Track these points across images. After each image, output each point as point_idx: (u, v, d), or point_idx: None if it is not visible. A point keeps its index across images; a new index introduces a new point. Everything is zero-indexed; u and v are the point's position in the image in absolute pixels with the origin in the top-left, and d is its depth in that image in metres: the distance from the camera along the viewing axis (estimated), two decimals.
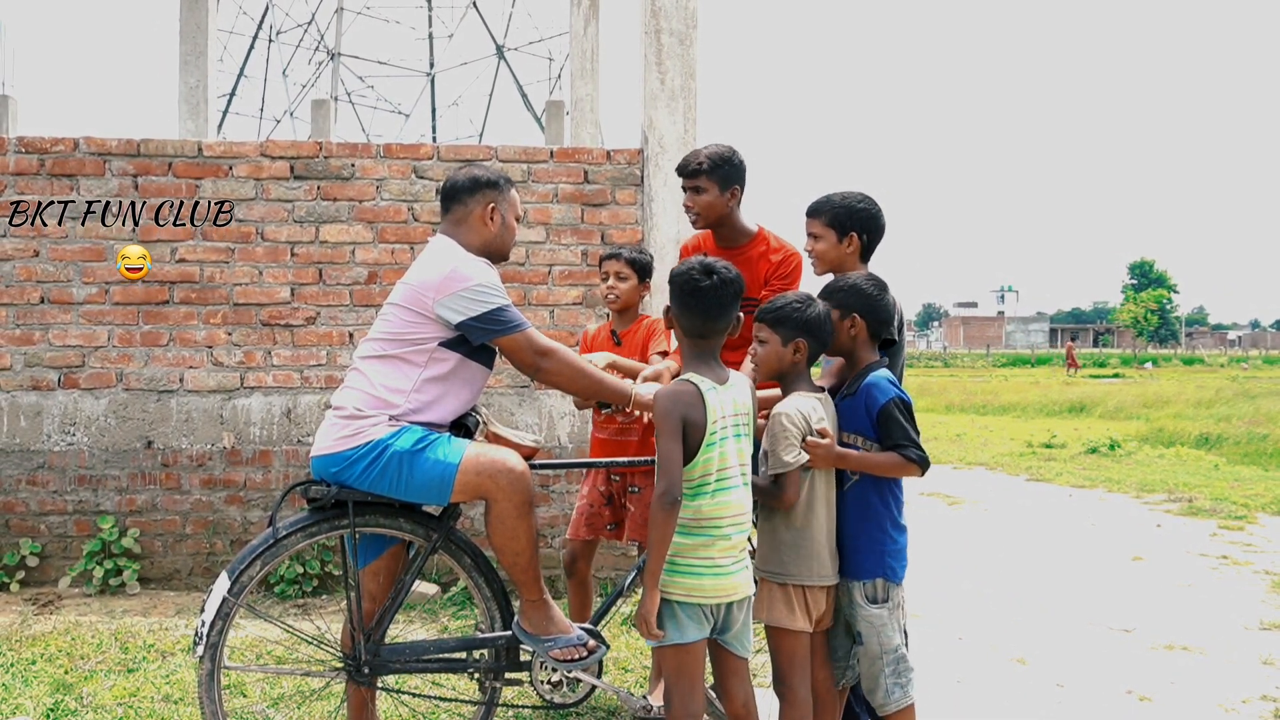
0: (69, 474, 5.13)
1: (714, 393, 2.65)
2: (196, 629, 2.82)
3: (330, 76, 16.97)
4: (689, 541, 2.63)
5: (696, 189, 3.51)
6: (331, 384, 5.20)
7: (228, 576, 2.83)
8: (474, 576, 3.07)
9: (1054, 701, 3.87)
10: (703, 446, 2.61)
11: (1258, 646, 4.55)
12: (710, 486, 2.62)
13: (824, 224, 3.14)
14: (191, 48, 8.46)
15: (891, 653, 2.79)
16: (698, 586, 2.63)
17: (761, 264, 3.55)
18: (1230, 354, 67.52)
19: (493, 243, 3.12)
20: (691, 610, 2.64)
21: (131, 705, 3.61)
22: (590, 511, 3.80)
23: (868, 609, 2.79)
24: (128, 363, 5.17)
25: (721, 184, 3.49)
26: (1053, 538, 7.13)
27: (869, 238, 3.15)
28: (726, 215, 3.55)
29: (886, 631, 2.79)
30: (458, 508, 3.04)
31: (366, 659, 2.93)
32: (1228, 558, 6.42)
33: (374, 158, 5.28)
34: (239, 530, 5.18)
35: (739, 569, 2.66)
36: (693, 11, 5.28)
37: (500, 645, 3.04)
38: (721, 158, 3.50)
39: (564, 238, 5.31)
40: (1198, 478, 10.04)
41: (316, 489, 2.87)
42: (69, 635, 4.40)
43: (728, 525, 2.64)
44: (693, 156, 3.54)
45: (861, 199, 3.15)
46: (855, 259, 3.14)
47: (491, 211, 3.09)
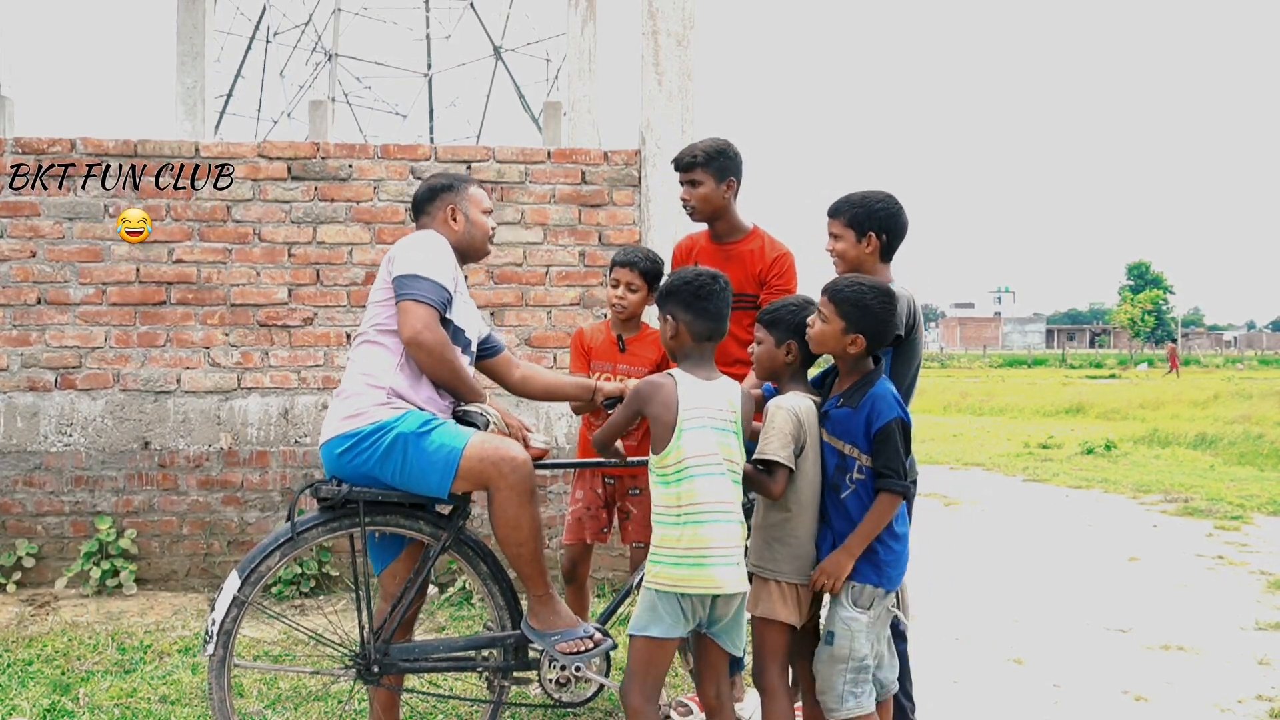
0: (66, 475, 5.12)
1: (692, 385, 2.75)
2: (206, 627, 2.83)
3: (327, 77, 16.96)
4: (671, 531, 2.68)
5: (693, 182, 3.53)
6: (329, 385, 5.20)
7: (238, 575, 2.85)
8: (483, 576, 3.09)
9: (1051, 701, 3.88)
10: (675, 433, 2.68)
11: (1253, 646, 4.56)
12: (688, 472, 2.67)
13: (844, 224, 3.12)
14: (188, 48, 8.45)
15: (857, 661, 2.74)
16: (678, 576, 2.65)
17: (754, 260, 3.55)
18: (1226, 355, 67.60)
19: (462, 240, 3.18)
20: (670, 603, 2.67)
21: (129, 706, 3.61)
22: (588, 515, 3.78)
23: (849, 610, 2.75)
24: (125, 363, 5.16)
25: (718, 176, 3.50)
26: (1049, 538, 7.14)
27: (889, 238, 3.11)
28: (723, 208, 3.56)
29: (860, 639, 2.74)
30: (467, 506, 3.06)
31: (376, 658, 2.93)
32: (1224, 558, 6.43)
33: (371, 158, 5.28)
34: (236, 531, 5.18)
35: (724, 563, 2.65)
36: (690, 13, 5.29)
37: (509, 644, 3.05)
38: (717, 150, 3.51)
39: (561, 238, 5.32)
40: (1194, 478, 10.06)
41: (327, 489, 2.87)
42: (66, 636, 4.40)
43: (708, 513, 2.65)
44: (689, 149, 3.55)
45: (881, 199, 3.12)
46: (875, 259, 3.11)
47: (452, 212, 3.18)
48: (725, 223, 3.61)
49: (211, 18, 8.60)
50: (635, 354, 3.76)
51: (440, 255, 3.01)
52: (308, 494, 2.93)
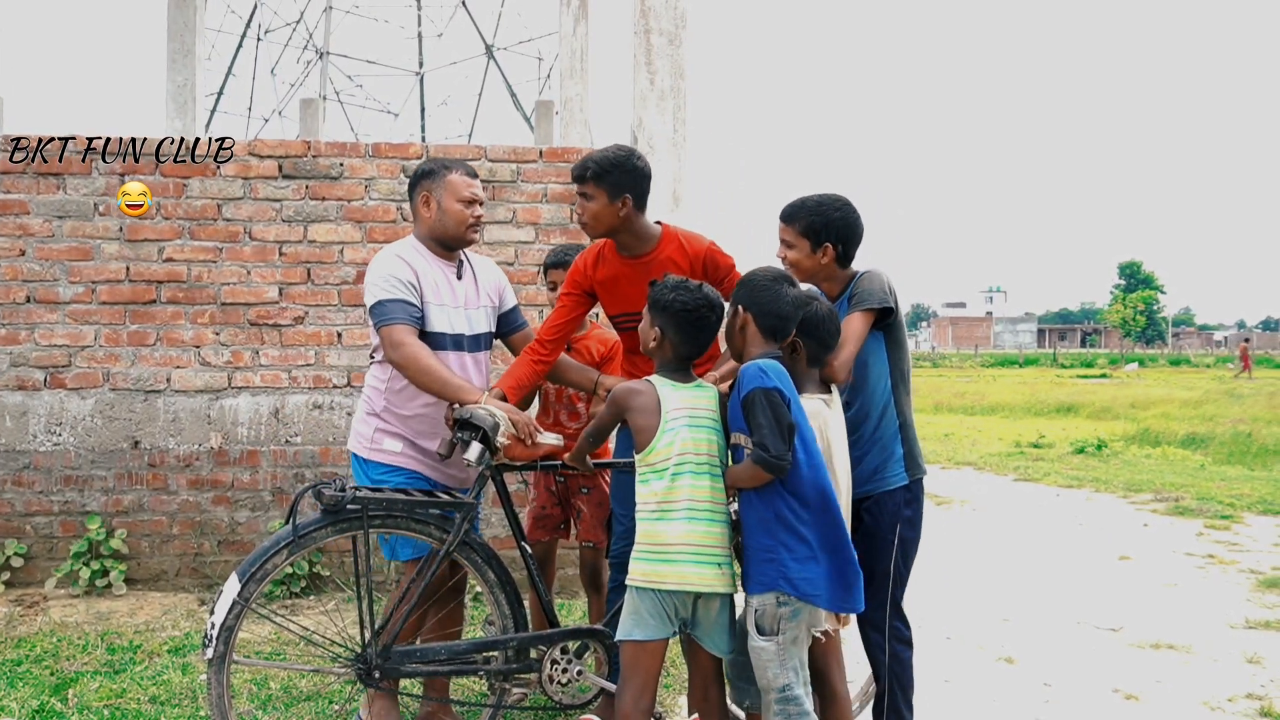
0: (55, 474, 5.10)
1: (671, 388, 2.78)
2: (206, 628, 2.83)
3: (319, 75, 16.88)
4: (648, 527, 2.70)
5: (585, 195, 3.22)
6: (319, 384, 5.19)
7: (239, 577, 2.84)
8: (489, 579, 3.10)
9: (1041, 700, 3.88)
10: (660, 431, 2.71)
11: (1243, 645, 4.58)
12: (670, 470, 2.69)
13: (798, 232, 2.99)
14: (179, 46, 8.42)
15: (777, 691, 2.57)
16: (655, 573, 2.66)
17: (671, 266, 3.24)
18: (1216, 354, 67.86)
19: (435, 227, 3.28)
20: (650, 601, 2.67)
21: (118, 707, 3.60)
22: (542, 514, 3.86)
23: (755, 640, 2.60)
24: (114, 362, 5.14)
25: (611, 192, 3.18)
26: (1040, 537, 7.16)
27: (844, 247, 2.99)
28: (618, 225, 3.24)
29: (772, 668, 2.58)
30: (475, 508, 3.08)
31: (377, 662, 2.93)
32: (1214, 557, 6.45)
33: (363, 157, 5.26)
34: (226, 531, 5.16)
35: (699, 561, 2.64)
36: (682, 12, 5.29)
37: (510, 647, 3.07)
38: (612, 163, 3.18)
39: (553, 238, 5.31)
40: (1184, 477, 10.10)
41: (331, 493, 2.87)
42: (55, 636, 4.38)
43: (686, 511, 2.66)
44: (582, 159, 3.25)
45: (838, 206, 2.98)
46: (832, 267, 3.00)
47: (427, 199, 3.27)
48: (629, 235, 3.28)
49: (202, 15, 8.57)
50: (580, 352, 3.78)
51: (389, 271, 3.16)
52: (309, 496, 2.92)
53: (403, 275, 3.16)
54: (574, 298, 3.40)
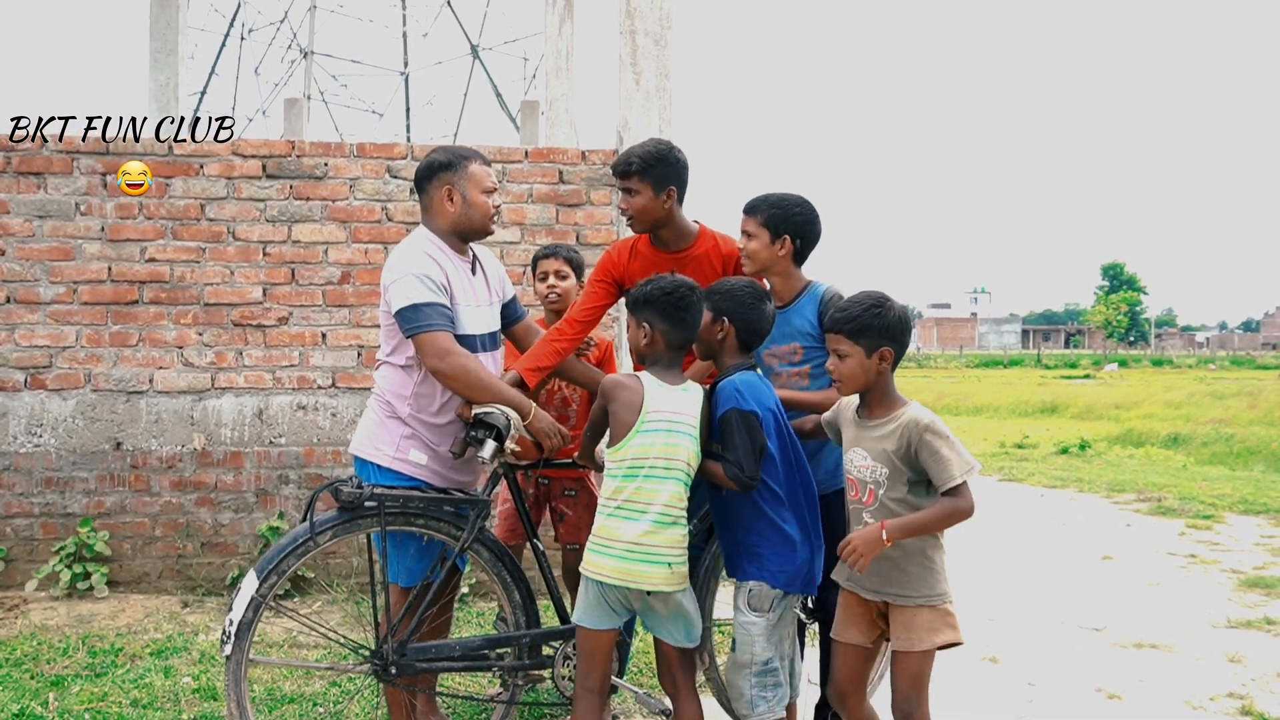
0: (36, 476, 5.05)
1: (660, 389, 2.79)
2: (224, 627, 2.84)
3: (303, 75, 16.80)
4: (609, 522, 2.74)
5: (629, 190, 3.24)
6: (304, 385, 5.16)
7: (257, 575, 2.84)
8: (503, 577, 3.12)
9: (1025, 700, 3.90)
10: (635, 431, 2.73)
11: (1224, 644, 4.61)
12: (641, 472, 2.72)
13: (759, 223, 3.11)
14: (161, 45, 8.35)
15: (760, 664, 2.75)
16: (599, 565, 2.72)
17: (710, 265, 3.32)
18: (1198, 355, 68.33)
19: (459, 222, 3.16)
20: (595, 592, 2.75)
21: (100, 710, 3.57)
22: (515, 516, 3.78)
23: (745, 615, 2.77)
24: (96, 363, 5.10)
25: (656, 185, 3.21)
26: (1024, 537, 7.20)
27: (802, 243, 3.12)
28: (663, 218, 3.27)
29: (759, 643, 2.75)
30: (488, 506, 3.09)
31: (393, 659, 2.93)
32: (1196, 557, 6.50)
33: (347, 157, 5.24)
34: (210, 533, 5.13)
35: (654, 562, 2.68)
36: (667, 12, 5.29)
37: (524, 643, 3.09)
38: (655, 156, 3.21)
39: (539, 238, 5.30)
40: (1166, 477, 10.17)
41: (348, 491, 2.86)
42: (35, 639, 4.34)
43: (641, 512, 2.70)
44: (625, 155, 3.26)
45: (799, 203, 3.12)
46: (788, 262, 3.12)
47: (449, 193, 3.14)
48: (670, 230, 3.32)
49: (185, 14, 8.50)
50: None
51: (423, 271, 2.99)
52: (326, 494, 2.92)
53: (436, 276, 3.01)
54: (604, 285, 3.40)
